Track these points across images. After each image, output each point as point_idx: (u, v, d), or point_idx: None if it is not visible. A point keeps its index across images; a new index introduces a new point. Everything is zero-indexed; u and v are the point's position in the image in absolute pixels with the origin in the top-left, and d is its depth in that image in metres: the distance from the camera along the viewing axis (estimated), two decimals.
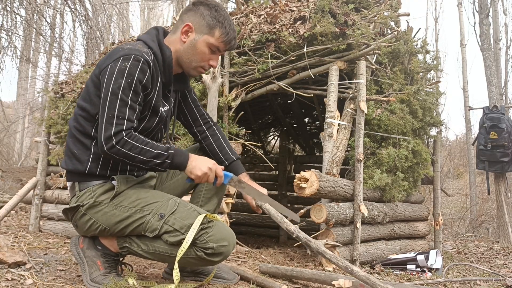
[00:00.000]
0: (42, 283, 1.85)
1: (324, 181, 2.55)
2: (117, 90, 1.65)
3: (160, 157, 1.68)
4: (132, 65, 1.66)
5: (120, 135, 1.64)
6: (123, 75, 1.65)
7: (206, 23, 1.80)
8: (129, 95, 1.66)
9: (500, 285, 2.40)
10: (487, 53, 5.93)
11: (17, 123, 11.66)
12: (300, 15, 3.15)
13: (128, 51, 1.69)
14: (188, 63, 1.85)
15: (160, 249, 1.72)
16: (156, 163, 1.68)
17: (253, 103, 4.50)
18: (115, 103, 1.64)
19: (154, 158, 1.67)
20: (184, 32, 1.81)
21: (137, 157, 1.65)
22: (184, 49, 1.82)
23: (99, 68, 1.74)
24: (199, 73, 1.90)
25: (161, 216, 1.70)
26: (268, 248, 3.63)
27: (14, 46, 6.85)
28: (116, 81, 1.65)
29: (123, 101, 1.65)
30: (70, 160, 1.81)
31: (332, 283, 1.93)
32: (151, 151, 1.67)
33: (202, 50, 1.82)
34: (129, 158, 1.66)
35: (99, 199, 1.76)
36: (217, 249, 1.67)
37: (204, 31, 1.80)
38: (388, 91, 3.14)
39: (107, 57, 1.73)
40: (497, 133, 4.78)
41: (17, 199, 3.61)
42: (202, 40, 1.80)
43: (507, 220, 5.05)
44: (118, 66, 1.66)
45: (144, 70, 1.69)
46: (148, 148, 1.67)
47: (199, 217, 1.67)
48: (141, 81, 1.68)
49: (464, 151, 12.19)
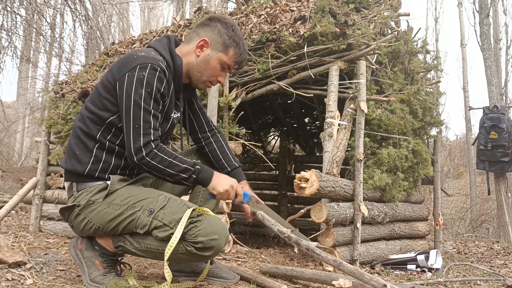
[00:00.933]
0: (42, 283, 1.85)
1: (324, 181, 2.55)
2: (139, 100, 1.68)
3: (187, 172, 1.73)
4: (150, 74, 1.70)
5: (149, 146, 1.69)
6: (142, 84, 1.69)
7: (222, 41, 1.86)
8: (150, 104, 1.70)
9: (500, 285, 2.39)
10: (487, 53, 5.93)
11: (17, 123, 11.66)
12: (300, 15, 3.15)
13: (144, 60, 1.72)
14: (199, 76, 1.90)
15: (152, 246, 1.72)
16: (183, 177, 1.73)
17: (253, 103, 4.50)
18: (139, 113, 1.69)
19: (182, 172, 1.72)
20: (199, 46, 1.86)
21: (165, 170, 1.70)
22: (197, 62, 1.87)
23: (113, 76, 1.75)
24: (206, 87, 1.96)
25: (150, 212, 1.70)
26: (268, 248, 3.63)
27: (14, 46, 6.86)
28: (136, 91, 1.69)
29: (146, 110, 1.70)
30: (70, 160, 1.82)
31: (332, 283, 1.92)
32: (179, 165, 1.72)
33: (215, 66, 1.88)
34: (157, 171, 1.71)
35: (93, 198, 1.77)
36: (207, 243, 1.66)
37: (219, 48, 1.86)
38: (388, 91, 3.14)
39: (122, 64, 1.75)
40: (497, 133, 4.78)
41: (17, 199, 3.61)
42: (216, 57, 1.86)
43: (507, 220, 5.05)
44: (136, 75, 1.69)
45: (162, 79, 1.73)
46: (177, 162, 1.72)
47: (188, 211, 1.67)
48: (159, 89, 1.73)
49: (464, 151, 12.19)
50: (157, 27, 13.34)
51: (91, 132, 1.79)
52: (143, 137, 1.68)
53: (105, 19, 8.10)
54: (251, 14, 3.47)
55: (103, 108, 1.77)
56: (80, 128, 1.81)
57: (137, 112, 1.68)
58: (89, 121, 1.79)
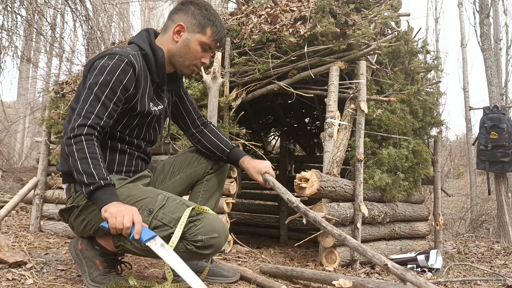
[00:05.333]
0: (42, 283, 1.85)
1: (325, 181, 2.55)
2: (94, 85, 1.67)
3: (90, 178, 1.57)
4: (115, 64, 1.69)
5: (80, 130, 1.63)
6: (103, 72, 1.68)
7: (198, 22, 1.84)
8: (104, 92, 1.67)
9: (500, 285, 2.39)
10: (488, 53, 5.92)
11: (18, 123, 11.66)
12: (300, 15, 3.15)
13: (115, 52, 1.72)
14: (182, 62, 1.88)
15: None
16: (82, 181, 1.59)
17: (253, 103, 4.50)
18: (88, 97, 1.67)
19: (85, 174, 1.58)
20: (176, 32, 1.85)
21: (76, 161, 1.60)
22: (177, 48, 1.86)
23: (87, 67, 1.77)
24: (192, 71, 1.94)
25: (149, 212, 1.69)
26: (268, 248, 3.63)
27: (14, 46, 6.86)
28: (95, 77, 1.68)
29: (96, 96, 1.67)
30: (65, 162, 1.81)
31: (333, 283, 1.93)
32: (89, 166, 1.59)
33: (195, 48, 1.85)
34: (71, 156, 1.62)
35: None
36: (207, 241, 1.66)
37: (196, 30, 1.84)
38: (388, 91, 3.14)
39: (95, 57, 1.77)
40: (497, 133, 4.78)
41: (18, 199, 3.61)
42: (195, 39, 1.84)
43: (508, 220, 5.05)
44: (101, 63, 1.70)
45: (126, 70, 1.70)
46: (90, 163, 1.60)
47: (187, 210, 1.66)
48: (121, 81, 1.70)
49: (464, 151, 12.18)
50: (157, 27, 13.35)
51: None
52: (82, 118, 1.63)
53: (105, 19, 8.10)
54: (251, 14, 3.47)
55: None
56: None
57: (87, 96, 1.67)
58: None
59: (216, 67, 2.96)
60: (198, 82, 3.26)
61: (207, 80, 2.99)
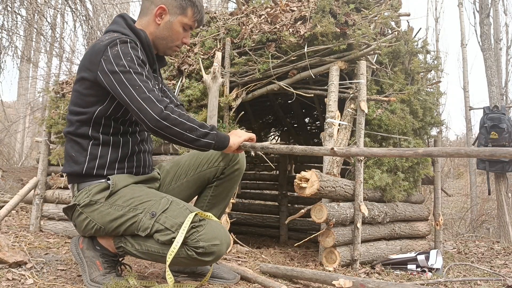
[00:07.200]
0: (42, 283, 1.85)
1: (325, 181, 2.55)
2: (126, 68, 1.66)
3: (204, 127, 1.73)
4: (123, 47, 1.69)
5: (163, 102, 1.67)
6: (120, 57, 1.67)
7: (178, 4, 1.86)
8: (137, 68, 1.69)
9: (500, 285, 2.39)
10: (488, 53, 5.92)
11: (18, 123, 11.66)
12: (300, 15, 3.15)
13: (111, 39, 1.71)
14: (165, 44, 1.91)
15: (152, 249, 1.71)
16: (203, 132, 1.71)
17: (253, 103, 4.50)
18: (132, 77, 1.66)
19: (200, 127, 1.72)
20: (158, 15, 1.86)
21: (185, 123, 1.68)
22: (160, 30, 1.88)
23: (90, 70, 1.73)
24: (174, 52, 1.98)
25: (152, 215, 1.68)
26: (268, 248, 3.63)
27: (15, 46, 6.86)
28: (118, 65, 1.66)
29: (138, 73, 1.68)
30: (68, 164, 1.83)
31: (333, 283, 1.93)
32: (193, 120, 1.72)
33: (177, 30, 1.89)
34: (178, 125, 1.67)
35: (95, 198, 1.76)
36: (208, 248, 1.64)
37: (177, 12, 1.87)
38: (388, 91, 3.14)
39: (91, 55, 1.73)
40: (497, 133, 4.78)
41: (18, 199, 3.61)
42: (177, 21, 1.87)
43: (508, 220, 5.05)
44: (110, 54, 1.68)
45: (135, 47, 1.73)
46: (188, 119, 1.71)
47: (190, 215, 1.65)
48: (138, 56, 1.72)
49: None
50: None
51: (82, 132, 1.78)
52: (153, 95, 1.66)
53: (105, 19, 8.10)
54: (251, 14, 3.47)
55: (88, 105, 1.77)
56: (70, 133, 1.81)
57: (131, 78, 1.66)
58: (77, 124, 1.79)
59: (216, 67, 2.96)
60: (198, 82, 3.26)
61: (207, 80, 2.99)
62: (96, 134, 1.78)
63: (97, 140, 1.79)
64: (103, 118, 1.78)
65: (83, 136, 1.79)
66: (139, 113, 1.65)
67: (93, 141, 1.79)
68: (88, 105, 1.77)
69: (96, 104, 1.76)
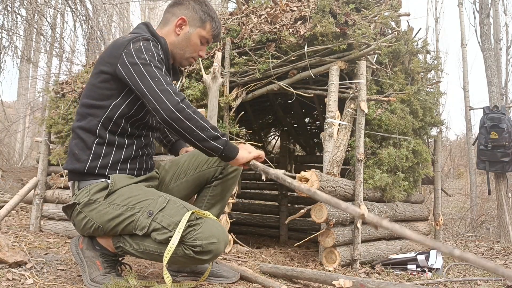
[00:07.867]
0: (42, 283, 1.85)
1: (325, 181, 2.55)
2: (146, 61, 1.70)
3: (216, 131, 1.74)
4: (145, 43, 1.74)
5: (180, 96, 1.70)
6: (142, 51, 1.72)
7: (199, 17, 1.93)
8: (157, 64, 1.73)
9: (500, 285, 2.40)
10: (488, 53, 5.92)
11: (18, 123, 11.65)
12: (300, 15, 3.15)
13: (133, 36, 1.76)
14: (182, 54, 1.96)
15: (150, 248, 1.71)
16: (213, 135, 1.72)
17: (253, 103, 4.50)
18: (152, 69, 1.69)
19: (212, 129, 1.72)
20: (178, 25, 1.92)
21: (198, 120, 1.69)
22: (179, 41, 1.93)
23: (109, 63, 1.75)
24: (190, 63, 2.03)
25: (149, 214, 1.68)
26: (268, 248, 3.63)
27: (15, 46, 6.86)
28: (139, 58, 1.70)
29: (157, 67, 1.71)
30: (70, 160, 1.83)
31: (333, 283, 1.93)
32: (206, 120, 1.73)
33: (195, 42, 1.95)
34: (191, 120, 1.68)
35: (94, 197, 1.76)
36: (205, 247, 1.63)
37: (197, 24, 1.93)
38: (388, 91, 3.14)
39: (113, 49, 1.76)
40: (497, 133, 4.78)
41: (18, 199, 3.61)
42: (196, 33, 1.93)
43: (508, 220, 5.05)
44: (132, 48, 1.72)
45: (156, 45, 1.78)
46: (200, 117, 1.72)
47: (186, 214, 1.65)
48: (159, 54, 1.76)
49: (464, 151, 12.18)
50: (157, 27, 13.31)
51: (91, 127, 1.78)
52: (171, 88, 1.69)
53: (105, 19, 8.10)
54: (251, 14, 3.47)
55: (102, 98, 1.77)
56: (79, 127, 1.81)
57: (150, 70, 1.69)
58: (89, 117, 1.79)
59: (216, 67, 2.96)
60: (198, 82, 3.26)
61: (207, 80, 2.99)
62: (103, 132, 1.79)
63: (103, 139, 1.79)
64: (114, 115, 1.78)
65: (90, 131, 1.78)
66: (155, 102, 1.67)
67: (98, 139, 1.79)
68: (102, 98, 1.77)
69: (110, 98, 1.77)
